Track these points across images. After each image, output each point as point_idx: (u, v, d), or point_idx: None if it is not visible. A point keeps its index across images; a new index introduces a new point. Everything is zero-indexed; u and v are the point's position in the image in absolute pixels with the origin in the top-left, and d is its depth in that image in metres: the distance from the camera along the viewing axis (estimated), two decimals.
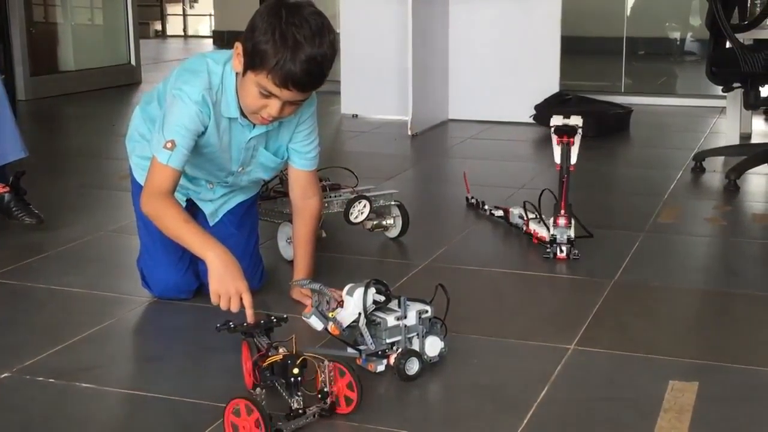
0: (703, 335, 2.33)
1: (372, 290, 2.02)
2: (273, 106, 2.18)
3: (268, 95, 2.16)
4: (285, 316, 1.99)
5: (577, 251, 2.85)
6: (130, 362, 2.17)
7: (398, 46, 5.21)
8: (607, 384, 2.02)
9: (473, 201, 3.44)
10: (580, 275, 2.74)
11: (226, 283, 2.08)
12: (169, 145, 2.19)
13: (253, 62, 2.14)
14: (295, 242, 2.52)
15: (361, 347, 2.03)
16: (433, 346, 2.06)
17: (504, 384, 2.00)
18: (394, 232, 3.07)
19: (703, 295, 2.63)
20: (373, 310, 2.02)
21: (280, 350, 1.85)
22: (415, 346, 2.04)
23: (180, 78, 2.26)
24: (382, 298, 2.04)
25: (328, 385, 1.82)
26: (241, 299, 2.06)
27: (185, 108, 2.22)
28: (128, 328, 2.40)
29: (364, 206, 2.91)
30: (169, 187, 2.22)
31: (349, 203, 2.89)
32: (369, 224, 2.99)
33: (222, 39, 11.72)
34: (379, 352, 2.03)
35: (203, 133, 2.25)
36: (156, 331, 2.39)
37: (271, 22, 2.11)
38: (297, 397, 1.78)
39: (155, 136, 2.25)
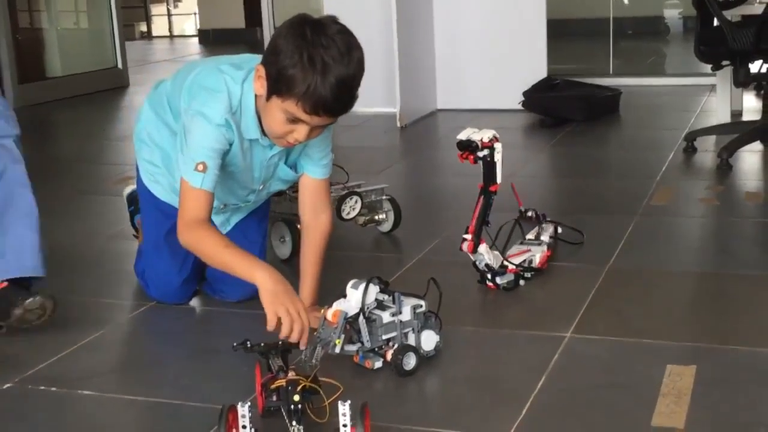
0: (699, 318, 2.33)
1: (376, 288, 2.01)
2: (301, 132, 2.07)
3: (296, 120, 2.05)
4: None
5: (513, 280, 2.51)
6: (130, 368, 2.16)
7: (383, 37, 5.19)
8: (604, 371, 2.02)
9: (530, 214, 2.95)
10: (574, 262, 2.73)
11: (284, 302, 1.99)
12: (200, 167, 2.10)
13: (278, 88, 2.01)
14: (302, 261, 2.36)
15: (358, 345, 2.02)
16: (429, 340, 2.06)
17: (501, 375, 2.00)
18: (386, 227, 3.06)
19: (698, 278, 2.63)
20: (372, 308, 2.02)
21: (290, 374, 1.78)
22: (411, 341, 2.04)
23: (198, 99, 2.15)
24: (385, 297, 2.03)
25: (348, 427, 1.63)
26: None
27: (209, 129, 2.12)
28: (127, 334, 2.39)
29: (356, 202, 2.90)
30: (205, 213, 2.14)
31: (341, 200, 2.88)
32: (361, 220, 2.99)
33: (207, 38, 11.70)
34: (376, 349, 2.03)
35: (227, 151, 2.18)
36: (155, 336, 2.38)
37: (297, 44, 1.97)
38: (295, 426, 1.68)
39: (182, 158, 2.15)
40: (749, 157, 4.04)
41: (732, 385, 1.92)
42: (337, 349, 1.96)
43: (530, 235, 2.75)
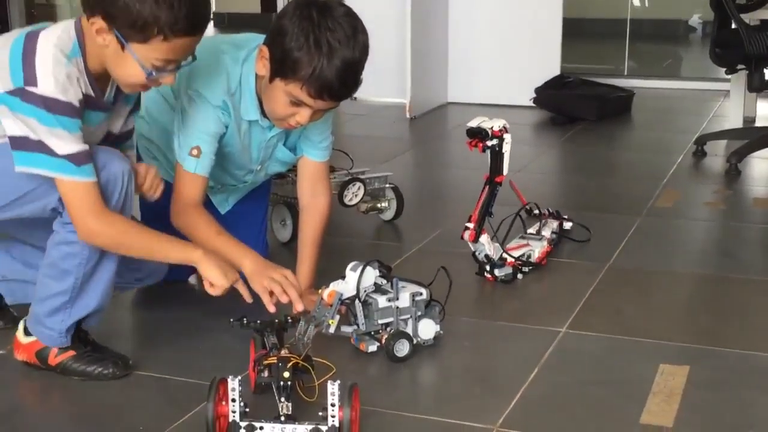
0: (696, 319, 2.31)
1: (375, 272, 2.01)
2: (303, 115, 2.05)
3: (299, 104, 2.03)
4: (299, 316, 1.96)
5: (510, 273, 2.50)
6: (123, 343, 2.15)
7: (397, 28, 5.17)
8: (597, 367, 2.01)
9: (536, 212, 2.90)
10: (575, 259, 2.72)
11: (268, 273, 2.04)
12: (194, 152, 2.11)
13: (283, 71, 1.99)
14: (300, 242, 2.34)
15: (353, 327, 2.02)
16: (427, 328, 2.04)
17: (494, 366, 1.99)
18: (388, 215, 3.06)
19: (698, 280, 2.61)
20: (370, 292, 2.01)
21: (283, 352, 1.79)
22: (409, 328, 2.03)
23: (196, 79, 2.11)
24: (384, 282, 2.03)
25: (336, 407, 1.62)
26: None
27: (206, 112, 2.12)
28: (120, 310, 2.38)
29: (359, 189, 2.89)
30: (198, 196, 2.15)
31: (344, 186, 2.88)
32: (363, 207, 2.98)
33: (222, 21, 11.66)
34: (372, 333, 2.02)
35: (224, 134, 2.18)
36: (148, 313, 2.38)
37: (303, 27, 1.95)
38: (284, 403, 1.68)
39: (177, 141, 2.14)
40: (760, 163, 4.01)
41: (724, 387, 1.91)
42: (331, 329, 1.96)
43: (531, 230, 2.73)
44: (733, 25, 3.98)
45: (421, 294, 2.04)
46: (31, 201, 1.85)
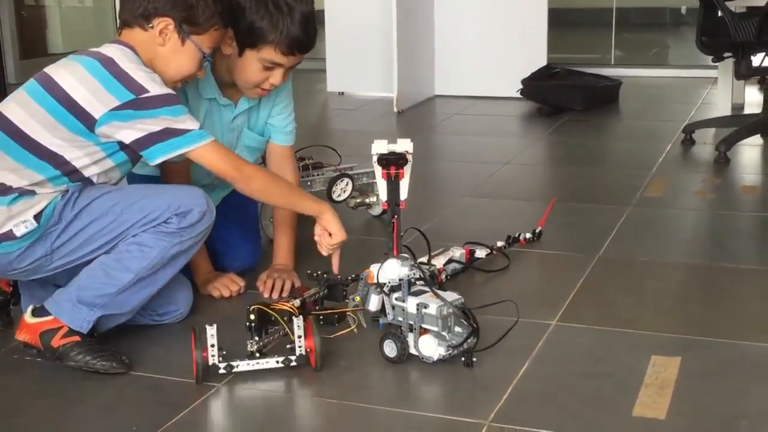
0: (687, 310, 2.30)
1: (402, 268, 1.98)
2: (277, 76, 2.26)
3: (272, 67, 2.24)
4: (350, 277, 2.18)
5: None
6: (116, 342, 2.13)
7: (383, 22, 5.16)
8: (588, 359, 2.00)
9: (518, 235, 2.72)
10: (564, 251, 2.71)
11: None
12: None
13: (253, 40, 2.19)
14: (275, 222, 2.51)
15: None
16: (427, 346, 1.94)
17: (484, 360, 1.97)
18: (377, 210, 3.04)
19: (688, 270, 2.60)
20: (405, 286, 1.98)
21: (289, 303, 2.04)
22: (410, 337, 1.97)
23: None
24: (416, 276, 1.99)
25: (302, 338, 1.91)
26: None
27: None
28: None
29: (347, 184, 2.88)
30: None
31: (332, 181, 2.86)
32: (352, 202, 2.97)
33: None
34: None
35: None
36: None
37: None
38: (252, 342, 1.92)
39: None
40: (748, 150, 4.01)
41: (716, 378, 1.90)
42: (352, 304, 2.09)
43: (423, 258, 2.41)
44: (719, 13, 3.97)
45: (426, 306, 1.92)
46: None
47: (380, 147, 2.10)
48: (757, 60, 4.00)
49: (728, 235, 2.92)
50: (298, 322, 1.91)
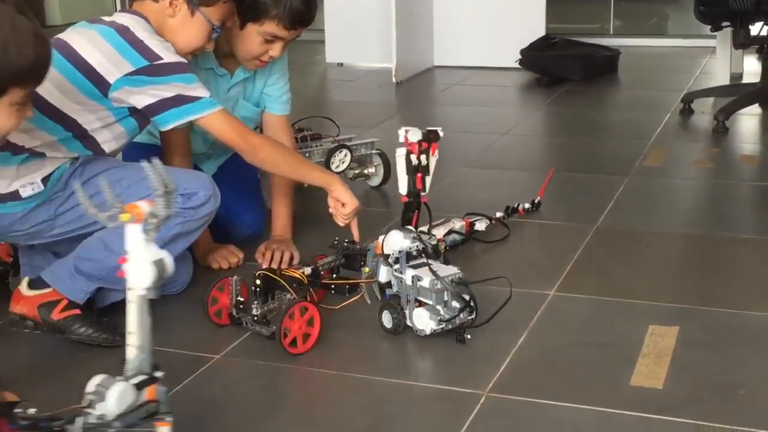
0: (685, 279, 2.31)
1: (405, 240, 1.99)
2: (277, 48, 2.31)
3: (272, 40, 2.28)
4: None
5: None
6: (116, 316, 2.14)
7: None
8: (586, 329, 2.01)
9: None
10: (562, 221, 2.71)
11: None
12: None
13: (256, 14, 2.24)
14: (272, 192, 2.52)
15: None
16: (420, 319, 1.94)
17: (482, 331, 1.98)
18: (375, 181, 3.04)
19: (686, 239, 2.61)
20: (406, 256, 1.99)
21: (301, 270, 2.07)
22: (408, 308, 1.98)
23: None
24: (416, 248, 1.99)
25: (281, 318, 1.89)
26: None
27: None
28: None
29: (345, 155, 2.87)
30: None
31: (330, 152, 2.86)
32: (350, 173, 2.96)
33: None
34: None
35: None
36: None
37: None
38: (256, 305, 1.99)
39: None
40: (747, 120, 4.00)
41: (714, 347, 1.91)
42: (364, 276, 2.11)
43: (424, 228, 2.38)
44: None
45: (420, 279, 1.93)
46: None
47: (415, 135, 2.34)
48: (755, 29, 3.98)
49: (727, 205, 2.92)
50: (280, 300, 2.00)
